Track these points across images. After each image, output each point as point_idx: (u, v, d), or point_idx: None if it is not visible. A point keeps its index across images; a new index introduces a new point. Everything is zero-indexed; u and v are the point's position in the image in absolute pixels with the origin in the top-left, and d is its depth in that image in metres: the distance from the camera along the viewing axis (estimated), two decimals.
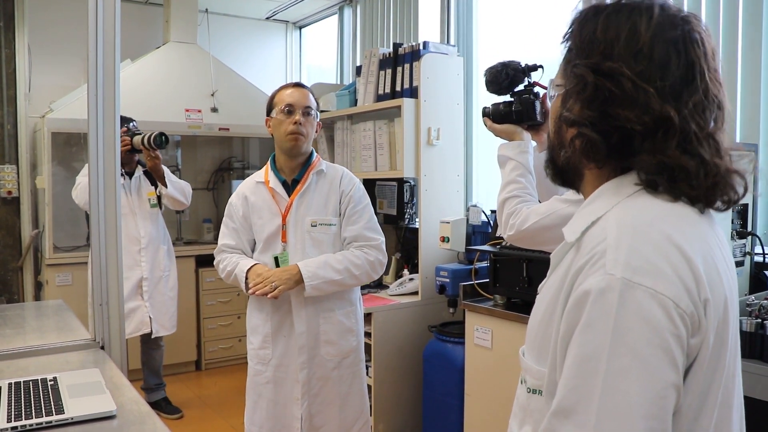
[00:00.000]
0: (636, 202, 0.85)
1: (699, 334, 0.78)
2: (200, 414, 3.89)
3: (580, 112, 0.88)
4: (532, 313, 0.97)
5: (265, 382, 2.29)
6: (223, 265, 2.33)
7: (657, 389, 0.73)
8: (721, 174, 0.85)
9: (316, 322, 2.27)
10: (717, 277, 0.82)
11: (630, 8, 0.88)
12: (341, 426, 2.32)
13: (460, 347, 2.96)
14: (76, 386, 1.54)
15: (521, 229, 1.59)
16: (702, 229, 0.85)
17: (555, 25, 3.28)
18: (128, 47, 4.15)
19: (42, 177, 4.28)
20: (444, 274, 3.18)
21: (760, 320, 1.86)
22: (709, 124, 0.86)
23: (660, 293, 0.75)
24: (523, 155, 1.71)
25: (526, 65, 1.75)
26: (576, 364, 0.76)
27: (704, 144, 0.85)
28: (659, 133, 0.84)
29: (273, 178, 2.31)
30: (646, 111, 0.83)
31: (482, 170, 3.85)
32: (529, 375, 0.93)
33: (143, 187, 3.67)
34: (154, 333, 3.65)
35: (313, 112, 2.30)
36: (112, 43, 1.90)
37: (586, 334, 0.76)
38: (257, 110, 4.80)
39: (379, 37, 4.54)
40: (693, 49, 0.86)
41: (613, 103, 0.85)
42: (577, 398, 0.75)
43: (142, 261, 3.63)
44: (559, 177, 1.00)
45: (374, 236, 2.32)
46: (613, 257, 0.78)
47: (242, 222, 2.34)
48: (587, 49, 0.89)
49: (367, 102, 3.60)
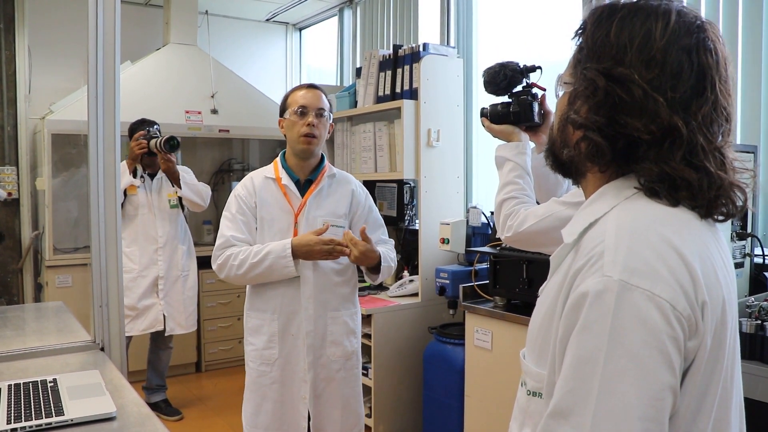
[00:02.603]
0: (635, 205, 0.85)
1: (696, 337, 0.78)
2: (200, 416, 3.89)
3: (588, 116, 0.87)
4: (532, 316, 0.97)
5: (271, 382, 2.26)
6: (240, 259, 2.16)
7: (653, 391, 0.73)
8: (724, 187, 0.85)
9: (323, 321, 2.26)
10: (715, 280, 0.82)
11: (646, 12, 0.86)
12: (342, 428, 2.32)
13: (460, 349, 2.96)
14: (76, 388, 1.53)
15: (519, 231, 1.59)
16: (700, 232, 0.85)
17: (555, 27, 3.29)
18: (128, 49, 4.14)
19: (42, 179, 4.28)
20: (444, 275, 3.18)
21: (759, 322, 1.86)
22: (717, 137, 0.86)
23: (657, 296, 0.75)
24: (521, 156, 1.70)
25: (524, 66, 1.74)
26: (573, 366, 0.77)
27: (710, 157, 0.84)
28: (666, 143, 0.83)
29: (285, 176, 2.30)
30: (654, 120, 0.83)
31: (482, 172, 3.86)
32: (529, 377, 0.93)
33: (164, 187, 3.73)
34: (168, 331, 3.71)
35: (327, 114, 2.30)
36: (112, 45, 1.91)
37: (583, 336, 0.76)
38: (257, 112, 4.82)
39: (379, 38, 4.55)
40: (706, 58, 0.85)
41: (621, 110, 0.84)
42: (574, 400, 0.75)
43: (159, 260, 3.69)
44: (559, 169, 1.00)
45: (391, 240, 2.45)
46: (610, 259, 0.78)
47: (252, 213, 2.27)
48: (599, 51, 0.88)
49: (367, 103, 3.60)
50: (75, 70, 4.64)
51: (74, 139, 4.38)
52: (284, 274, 2.17)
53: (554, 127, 0.98)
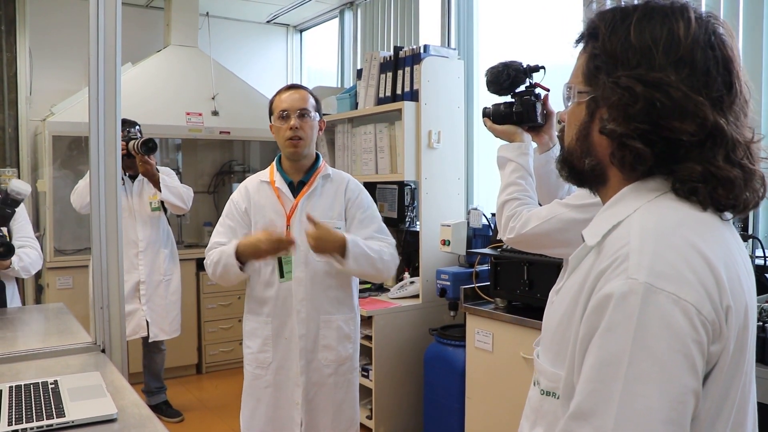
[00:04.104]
0: (659, 207, 0.85)
1: (720, 341, 0.78)
2: (201, 417, 3.89)
3: (628, 125, 0.85)
4: (547, 315, 0.96)
5: (265, 386, 2.27)
6: (209, 260, 2.23)
7: (676, 394, 0.73)
8: (756, 180, 0.85)
9: (315, 325, 2.25)
10: (738, 284, 0.82)
11: (663, 12, 0.85)
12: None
13: (460, 350, 2.96)
14: (77, 389, 1.53)
15: (521, 233, 1.58)
16: (724, 235, 0.85)
17: (555, 28, 3.29)
18: (129, 51, 4.14)
19: (43, 180, 4.28)
20: (445, 277, 3.18)
21: (761, 323, 1.86)
22: (746, 131, 0.86)
23: (682, 299, 0.75)
24: (524, 157, 1.69)
25: (527, 66, 1.73)
26: (596, 368, 0.76)
27: (746, 153, 0.84)
28: (708, 142, 0.83)
29: (279, 179, 2.30)
30: (698, 120, 0.82)
31: (483, 173, 3.85)
32: (543, 377, 0.92)
33: (145, 190, 3.66)
34: (152, 337, 3.64)
35: (311, 113, 2.27)
36: (113, 47, 1.91)
37: (606, 338, 0.76)
38: (258, 113, 4.82)
39: (379, 40, 4.55)
40: (726, 51, 0.84)
41: (664, 115, 0.82)
42: (596, 401, 0.75)
43: (140, 264, 3.61)
44: (575, 179, 0.99)
45: (389, 238, 2.34)
46: (636, 262, 0.77)
47: (242, 218, 2.29)
48: (622, 57, 0.86)
49: (368, 105, 3.60)
50: (76, 71, 4.64)
51: (75, 140, 4.38)
52: (235, 273, 2.16)
53: (569, 138, 0.96)
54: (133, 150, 3.44)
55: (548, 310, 0.99)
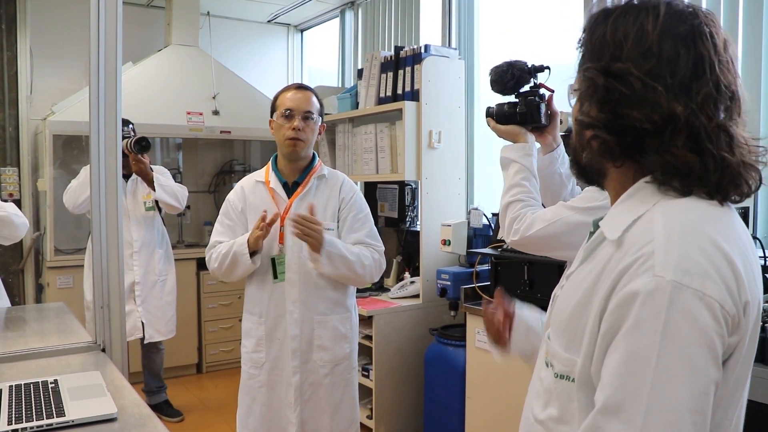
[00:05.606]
0: (679, 203, 0.87)
1: (738, 334, 0.81)
2: (201, 417, 3.89)
3: (593, 114, 0.91)
4: (560, 299, 0.97)
5: (259, 386, 2.27)
6: (216, 254, 2.25)
7: (702, 386, 0.76)
8: (733, 167, 0.87)
9: (310, 326, 2.25)
10: (753, 280, 0.85)
11: (638, 9, 0.90)
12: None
13: (461, 350, 2.96)
14: (77, 389, 1.53)
15: (526, 235, 1.57)
16: (738, 230, 0.88)
17: (556, 28, 3.28)
18: (130, 50, 4.15)
19: (43, 179, 4.29)
20: (445, 277, 3.18)
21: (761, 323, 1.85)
22: (719, 115, 0.87)
23: (707, 295, 0.78)
24: (527, 158, 1.67)
25: (532, 66, 1.71)
26: (624, 363, 0.78)
27: (713, 138, 0.86)
28: (667, 130, 0.85)
29: (274, 179, 2.31)
30: (654, 109, 0.85)
31: (483, 173, 3.85)
32: (556, 360, 0.94)
33: (139, 189, 3.62)
34: (148, 338, 3.62)
35: (315, 117, 2.27)
36: (113, 46, 1.90)
37: (634, 334, 0.78)
38: (258, 113, 4.82)
39: (380, 40, 4.55)
40: (702, 41, 0.87)
41: (623, 104, 0.87)
42: (625, 395, 0.77)
43: (135, 265, 3.58)
44: (582, 176, 1.03)
45: (377, 243, 2.33)
46: (662, 259, 0.79)
47: (239, 218, 2.31)
48: (598, 52, 0.91)
49: (369, 105, 3.60)
50: (76, 71, 4.65)
51: (76, 140, 4.38)
52: (245, 263, 2.18)
53: (573, 135, 1.01)
54: (126, 149, 3.37)
55: (560, 294, 0.99)
